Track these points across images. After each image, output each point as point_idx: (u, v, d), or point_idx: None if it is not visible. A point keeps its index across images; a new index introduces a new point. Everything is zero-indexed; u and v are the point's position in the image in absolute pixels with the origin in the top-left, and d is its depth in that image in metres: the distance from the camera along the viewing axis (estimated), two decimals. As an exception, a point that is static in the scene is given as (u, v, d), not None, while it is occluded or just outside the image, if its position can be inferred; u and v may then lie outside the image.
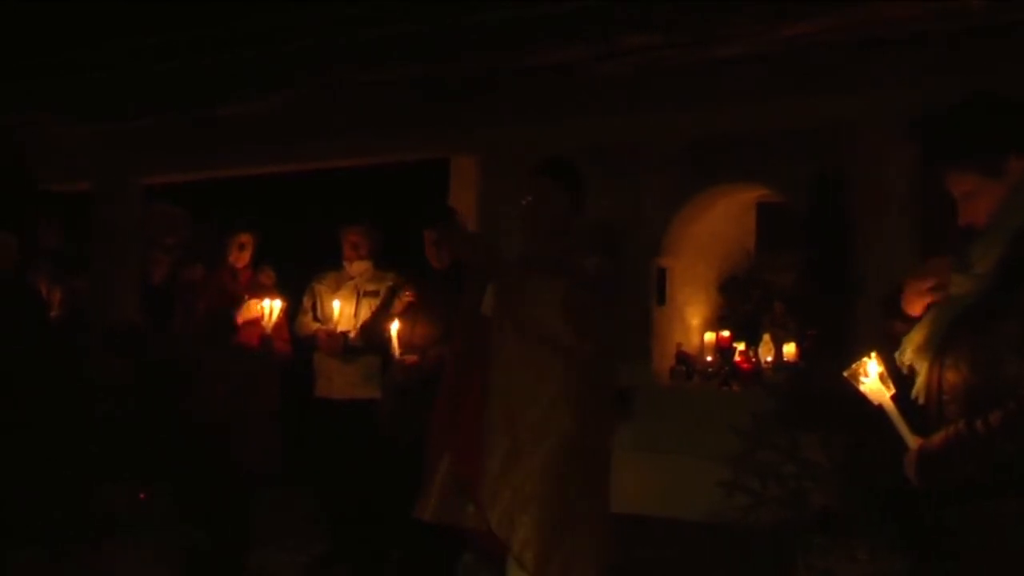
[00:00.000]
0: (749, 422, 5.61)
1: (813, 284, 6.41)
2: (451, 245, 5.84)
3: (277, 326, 6.51)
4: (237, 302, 6.49)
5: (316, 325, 6.80)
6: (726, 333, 7.37)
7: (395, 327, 6.09)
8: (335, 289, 6.81)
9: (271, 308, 6.44)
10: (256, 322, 6.47)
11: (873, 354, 3.04)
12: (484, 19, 5.85)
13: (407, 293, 6.31)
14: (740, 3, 5.34)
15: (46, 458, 6.23)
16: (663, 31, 5.66)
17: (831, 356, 5.31)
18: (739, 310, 7.41)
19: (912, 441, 3.02)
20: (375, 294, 6.73)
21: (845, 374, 3.05)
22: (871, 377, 3.01)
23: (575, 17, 5.68)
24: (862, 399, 3.07)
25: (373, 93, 6.74)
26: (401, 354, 6.08)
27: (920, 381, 3.08)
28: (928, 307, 3.09)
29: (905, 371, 3.13)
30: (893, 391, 3.02)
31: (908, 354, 3.11)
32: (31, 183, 7.96)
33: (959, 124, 3.09)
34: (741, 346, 7.21)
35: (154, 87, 7.04)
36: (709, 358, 7.30)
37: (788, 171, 6.66)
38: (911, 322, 3.12)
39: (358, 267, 6.82)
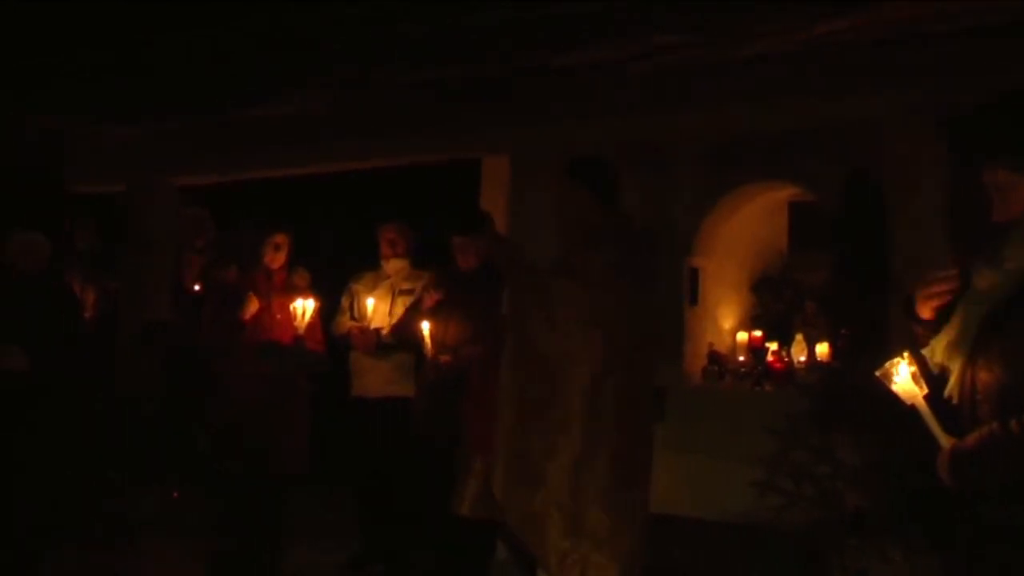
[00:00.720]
0: (782, 422, 5.58)
1: (846, 283, 6.36)
2: (479, 247, 5.88)
3: (310, 326, 6.52)
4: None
5: (351, 323, 6.82)
6: (758, 333, 7.33)
7: (427, 327, 6.11)
8: (371, 288, 6.83)
9: (304, 308, 6.46)
10: (288, 321, 6.49)
11: (905, 354, 3.02)
12: (515, 18, 5.84)
13: (435, 292, 6.32)
14: (770, 1, 5.31)
15: (77, 458, 6.27)
16: (693, 30, 5.63)
17: (865, 355, 5.27)
18: (771, 310, 7.37)
19: (945, 441, 3.00)
20: (410, 292, 6.75)
21: (877, 374, 3.04)
22: (903, 377, 2.99)
23: (606, 16, 5.66)
24: (896, 399, 3.05)
25: (404, 94, 6.75)
26: (434, 353, 6.10)
27: (953, 381, 3.06)
28: (947, 307, 3.08)
29: (936, 371, 3.11)
30: (926, 391, 3.00)
31: (939, 353, 3.09)
32: (62, 184, 8.02)
33: (992, 121, 3.08)
34: (774, 346, 7.17)
35: (186, 89, 7.07)
36: (741, 358, 7.27)
37: (820, 170, 6.62)
38: (929, 325, 3.10)
39: (394, 265, 6.84)
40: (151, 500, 6.43)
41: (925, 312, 3.12)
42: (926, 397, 2.99)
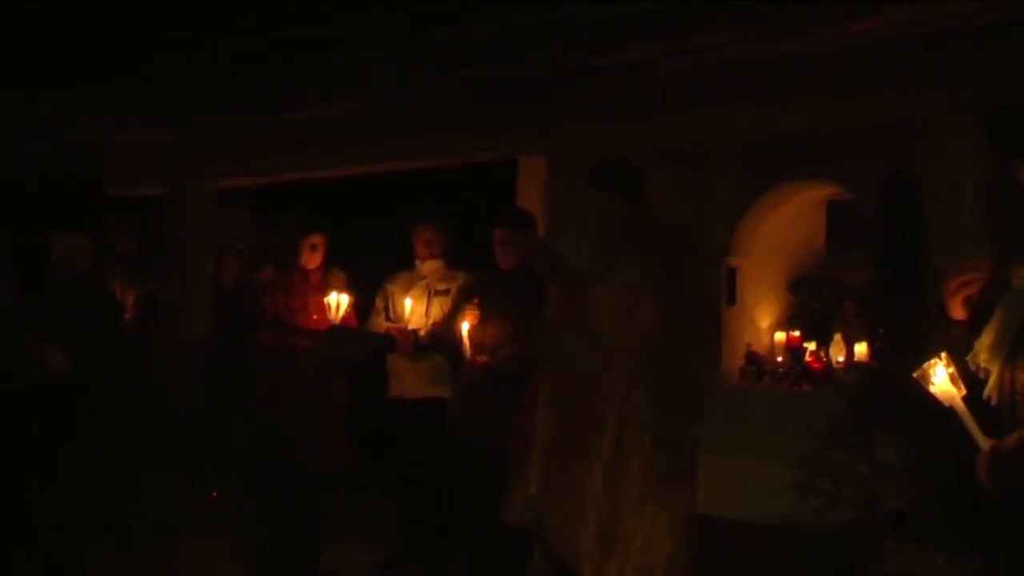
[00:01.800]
0: (821, 423, 5.55)
1: (886, 282, 6.32)
2: (520, 251, 5.88)
3: (345, 319, 6.54)
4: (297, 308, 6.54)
5: (388, 324, 6.82)
6: (796, 333, 7.29)
7: (466, 327, 6.09)
8: (407, 288, 6.82)
9: (338, 302, 6.47)
10: (324, 321, 6.50)
11: (943, 355, 3.00)
12: (554, 19, 5.84)
13: (473, 306, 6.29)
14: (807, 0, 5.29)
15: (120, 457, 6.32)
16: (733, 29, 5.61)
17: (904, 355, 5.23)
18: (809, 309, 7.34)
19: (984, 443, 2.97)
20: (446, 292, 6.73)
21: (915, 375, 3.01)
22: (940, 378, 2.96)
23: (643, 17, 5.66)
24: (935, 400, 3.02)
25: (442, 94, 6.76)
26: (472, 354, 6.07)
27: (992, 382, 3.03)
28: (985, 306, 3.06)
29: (981, 374, 3.08)
30: (964, 392, 2.97)
31: (981, 356, 3.06)
32: (102, 187, 8.09)
33: (1025, 119, 3.05)
34: (812, 346, 7.13)
35: (226, 92, 7.12)
36: (779, 358, 7.23)
37: (858, 168, 6.59)
38: (963, 325, 3.08)
39: (430, 266, 6.83)
40: (190, 500, 6.48)
41: (956, 311, 3.10)
42: (964, 398, 2.96)
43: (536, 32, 5.96)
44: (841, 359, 6.89)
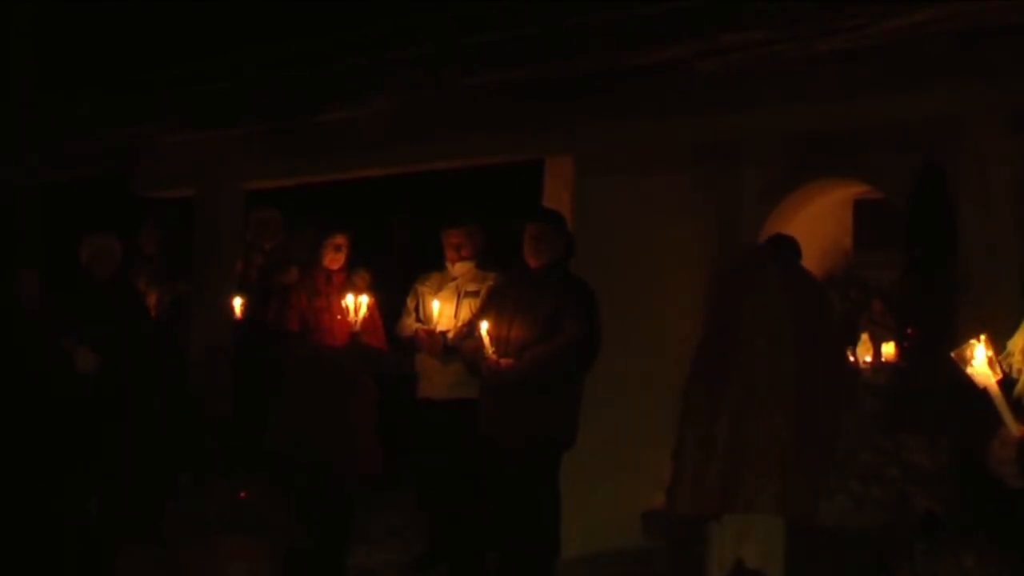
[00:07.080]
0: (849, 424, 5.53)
1: (916, 282, 6.29)
2: (552, 241, 6.00)
3: (367, 322, 6.54)
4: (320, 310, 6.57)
5: (417, 325, 6.81)
6: (824, 333, 7.25)
7: (484, 326, 6.02)
8: (437, 290, 6.82)
9: (356, 304, 6.47)
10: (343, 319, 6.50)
11: (983, 337, 2.98)
12: (583, 21, 5.84)
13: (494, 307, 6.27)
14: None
15: (149, 456, 6.35)
16: (763, 28, 5.60)
17: (933, 355, 5.22)
18: (836, 309, 7.30)
19: (1016, 428, 2.95)
20: (476, 294, 6.71)
21: (952, 355, 2.99)
22: (979, 360, 2.94)
23: (673, 16, 5.65)
24: (967, 399, 3.01)
25: (471, 96, 6.76)
26: (495, 355, 6.01)
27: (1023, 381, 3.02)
28: None
29: (1015, 375, 3.07)
30: (1000, 376, 2.96)
31: (1016, 357, 3.05)
32: (133, 189, 8.13)
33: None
34: (839, 346, 7.09)
35: (260, 96, 7.14)
36: (807, 359, 7.19)
37: (887, 167, 6.56)
38: None
39: (460, 268, 6.82)
40: (220, 499, 6.49)
41: None
42: (1000, 383, 2.95)
43: (566, 33, 5.96)
44: (869, 359, 6.86)
